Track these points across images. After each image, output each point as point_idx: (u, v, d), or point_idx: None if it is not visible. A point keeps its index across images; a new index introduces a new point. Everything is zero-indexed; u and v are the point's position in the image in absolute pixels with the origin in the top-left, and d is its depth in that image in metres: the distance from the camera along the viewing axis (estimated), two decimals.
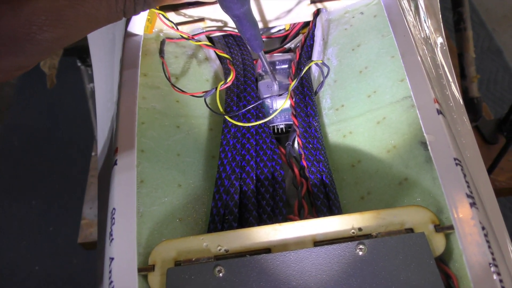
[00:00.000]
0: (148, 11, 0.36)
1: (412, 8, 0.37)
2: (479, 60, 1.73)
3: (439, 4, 0.46)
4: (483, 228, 0.21)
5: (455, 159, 0.23)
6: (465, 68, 1.11)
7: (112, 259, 0.24)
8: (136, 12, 0.23)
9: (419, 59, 0.26)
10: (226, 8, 0.29)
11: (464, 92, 1.11)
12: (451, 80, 0.38)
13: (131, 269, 0.23)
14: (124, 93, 0.27)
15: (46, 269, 1.39)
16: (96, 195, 1.17)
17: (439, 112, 0.24)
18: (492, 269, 0.20)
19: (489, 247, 0.20)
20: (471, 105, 1.10)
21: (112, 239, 0.23)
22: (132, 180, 0.25)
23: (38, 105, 1.72)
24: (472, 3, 1.92)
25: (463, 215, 0.21)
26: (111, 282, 0.23)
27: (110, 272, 0.23)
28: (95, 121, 1.14)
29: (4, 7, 0.20)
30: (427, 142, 0.24)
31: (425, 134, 0.24)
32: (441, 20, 0.44)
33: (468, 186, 0.22)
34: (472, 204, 0.21)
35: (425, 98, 0.25)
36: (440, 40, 0.41)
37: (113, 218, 0.24)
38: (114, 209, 0.24)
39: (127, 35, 0.30)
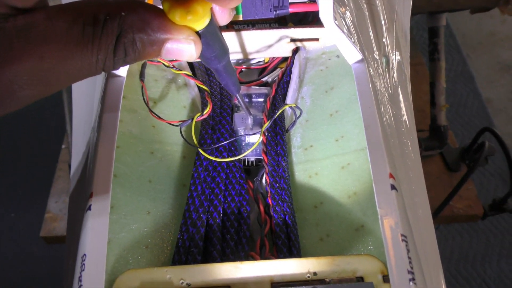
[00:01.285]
0: None
1: (384, 64, 0.39)
2: (452, 83, 1.80)
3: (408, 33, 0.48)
4: None
5: (402, 235, 0.25)
6: (435, 97, 1.15)
7: None
8: (115, 68, 0.24)
9: (380, 133, 0.28)
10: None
11: (432, 120, 1.15)
12: (404, 109, 0.41)
13: None
14: (102, 139, 0.28)
15: (4, 256, 1.37)
16: (63, 189, 1.16)
17: (393, 187, 0.27)
18: None
19: None
20: (438, 133, 1.15)
21: (81, 285, 0.25)
22: (104, 228, 0.26)
23: None
24: (450, 27, 1.98)
25: None
26: None
27: None
28: (68, 115, 1.13)
29: None
30: (379, 216, 0.26)
31: (377, 208, 0.26)
32: (409, 68, 0.46)
33: (410, 262, 0.24)
34: (411, 280, 0.24)
35: (381, 173, 0.27)
36: (403, 73, 0.44)
37: (83, 264, 0.25)
38: (85, 255, 0.25)
39: (110, 76, 0.32)
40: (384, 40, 0.41)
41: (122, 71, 0.32)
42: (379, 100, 0.32)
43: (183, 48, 0.25)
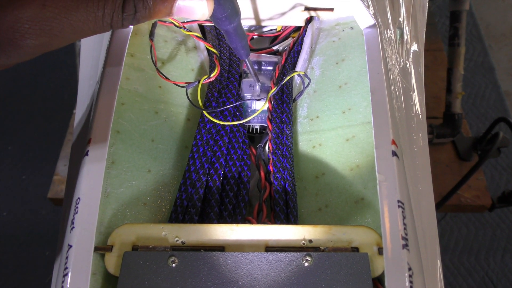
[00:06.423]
0: None
1: (398, 36, 0.38)
2: (471, 74, 1.76)
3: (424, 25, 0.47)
4: (409, 269, 0.23)
5: (398, 201, 0.24)
6: (452, 83, 1.12)
7: (70, 246, 0.25)
8: (123, 27, 0.24)
9: (386, 99, 0.28)
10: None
11: (447, 107, 1.13)
12: (417, 102, 0.40)
13: (87, 259, 0.25)
14: (103, 89, 0.28)
15: (14, 216, 1.40)
16: None
17: (394, 154, 0.26)
18: None
19: (411, 287, 0.22)
20: (452, 120, 1.12)
21: (73, 227, 0.25)
22: (100, 173, 0.26)
23: None
24: (474, 16, 1.93)
25: (394, 254, 0.23)
26: (66, 268, 0.24)
27: (66, 258, 0.25)
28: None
29: None
30: (377, 181, 0.26)
31: (377, 173, 0.26)
32: (423, 43, 0.45)
33: (405, 229, 0.24)
34: (404, 246, 0.23)
35: (384, 139, 0.26)
36: (417, 58, 0.43)
37: (77, 207, 0.25)
38: (79, 198, 0.25)
39: None
40: (400, 10, 0.40)
41: None
42: (389, 68, 0.32)
43: (195, 6, 0.25)
